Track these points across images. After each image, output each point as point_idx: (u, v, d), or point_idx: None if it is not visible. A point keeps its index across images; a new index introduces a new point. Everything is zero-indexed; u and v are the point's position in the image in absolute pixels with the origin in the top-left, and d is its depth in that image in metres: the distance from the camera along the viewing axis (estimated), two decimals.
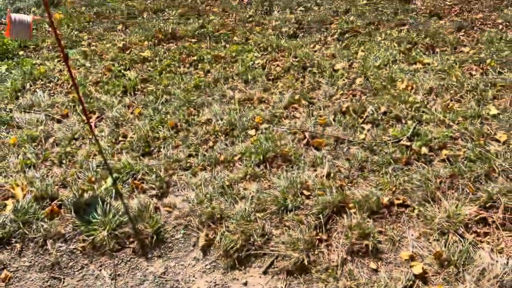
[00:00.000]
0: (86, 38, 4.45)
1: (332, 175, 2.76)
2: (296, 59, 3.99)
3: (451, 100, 3.30)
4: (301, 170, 2.80)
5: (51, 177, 2.81)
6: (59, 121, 3.35)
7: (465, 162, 2.71)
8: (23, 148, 3.04)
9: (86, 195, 2.64)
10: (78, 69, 3.93)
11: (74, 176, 2.81)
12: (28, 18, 2.48)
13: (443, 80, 3.52)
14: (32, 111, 3.42)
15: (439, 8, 4.60)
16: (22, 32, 2.45)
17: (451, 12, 4.53)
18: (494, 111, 3.09)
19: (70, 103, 3.51)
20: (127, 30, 4.62)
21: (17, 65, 3.95)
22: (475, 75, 3.56)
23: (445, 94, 3.37)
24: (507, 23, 4.20)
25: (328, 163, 2.83)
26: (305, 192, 2.62)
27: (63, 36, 4.39)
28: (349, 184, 2.69)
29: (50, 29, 4.51)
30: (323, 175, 2.75)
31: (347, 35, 4.32)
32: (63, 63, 3.97)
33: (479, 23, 4.28)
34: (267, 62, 4.01)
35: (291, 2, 4.98)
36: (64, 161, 2.95)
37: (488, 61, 3.66)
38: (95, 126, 3.26)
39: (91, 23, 4.71)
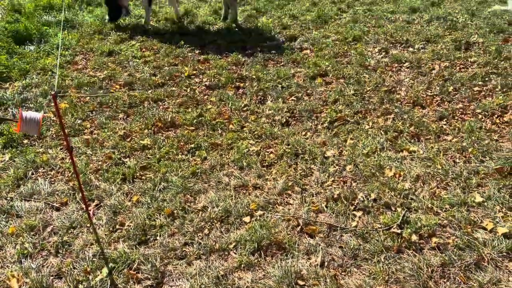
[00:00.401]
0: (89, 126, 4.66)
1: (326, 263, 2.80)
2: (289, 146, 4.18)
3: (438, 188, 3.44)
4: (296, 259, 2.85)
5: (47, 267, 2.83)
6: (58, 209, 3.42)
7: (455, 250, 2.78)
8: (21, 237, 3.08)
9: (80, 287, 2.65)
10: (80, 157, 4.08)
11: (70, 266, 2.83)
12: (38, 115, 2.67)
13: (429, 167, 3.69)
14: (32, 200, 3.51)
15: (422, 98, 4.92)
16: (32, 129, 2.63)
17: (433, 102, 4.84)
18: (479, 198, 3.22)
19: (70, 191, 3.61)
20: (128, 118, 4.86)
21: (20, 153, 4.11)
22: (459, 162, 3.74)
23: (431, 181, 3.52)
24: (486, 113, 4.49)
25: (321, 251, 2.89)
26: (299, 282, 2.65)
27: (66, 125, 4.61)
28: (343, 273, 2.72)
29: (54, 118, 4.74)
30: (317, 264, 2.79)
31: (336, 123, 4.57)
32: (66, 151, 4.13)
33: (459, 112, 4.57)
34: (261, 149, 4.20)
35: (283, 92, 5.31)
36: (60, 251, 2.98)
37: (470, 149, 3.87)
38: (93, 214, 3.34)
39: (94, 112, 4.97)
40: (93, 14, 8.54)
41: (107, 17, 7.85)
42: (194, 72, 5.99)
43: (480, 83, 5.15)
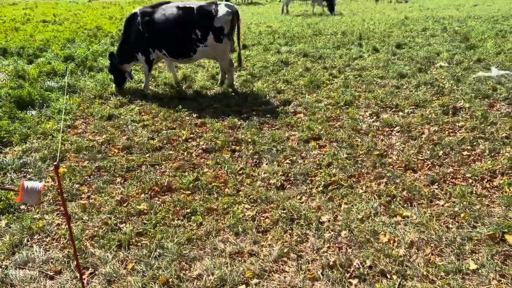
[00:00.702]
0: (86, 191, 4.72)
1: None
2: (284, 211, 4.23)
3: (432, 254, 3.47)
4: None
5: None
6: (52, 278, 3.39)
7: None
8: None
9: None
10: (76, 222, 4.10)
11: None
12: (39, 185, 2.74)
13: (423, 233, 3.73)
14: (27, 268, 3.48)
15: (413, 162, 5.05)
16: (32, 199, 2.69)
17: (424, 166, 4.97)
18: (473, 266, 3.24)
19: (64, 259, 3.60)
20: (125, 182, 4.93)
21: (17, 220, 4.12)
22: (452, 228, 3.79)
23: (425, 247, 3.55)
24: (476, 177, 4.61)
25: None
26: None
27: (64, 189, 4.66)
28: None
29: (53, 183, 4.80)
30: None
31: (330, 187, 4.65)
32: (62, 218, 4.15)
33: (450, 177, 4.68)
34: (257, 213, 4.24)
35: (278, 156, 5.44)
36: None
37: (462, 214, 3.94)
38: (87, 284, 3.31)
39: (91, 176, 5.04)
40: (94, 79, 8.87)
41: (113, 84, 8.15)
42: (192, 135, 6.15)
43: (468, 147, 5.32)
